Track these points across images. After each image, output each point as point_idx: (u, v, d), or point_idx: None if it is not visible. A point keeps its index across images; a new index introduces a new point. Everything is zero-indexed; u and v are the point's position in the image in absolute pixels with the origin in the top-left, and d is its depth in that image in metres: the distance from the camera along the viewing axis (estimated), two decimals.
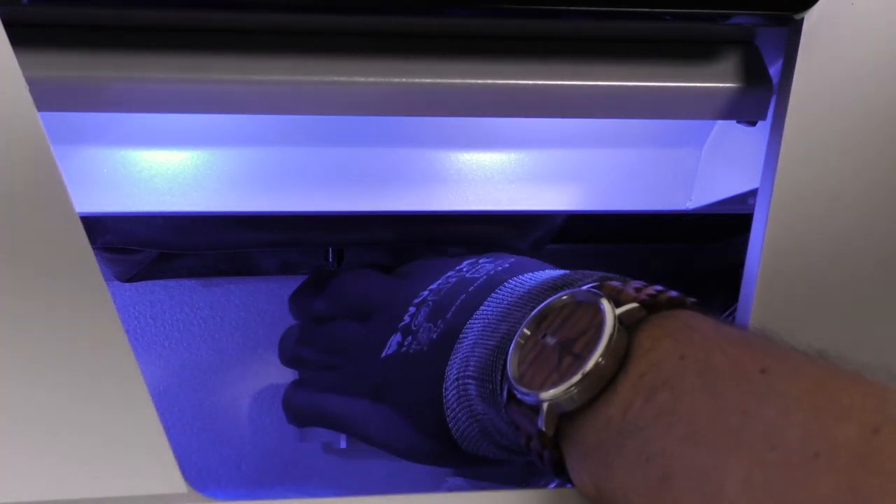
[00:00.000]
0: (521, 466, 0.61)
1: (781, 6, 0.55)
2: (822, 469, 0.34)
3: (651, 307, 0.44)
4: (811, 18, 0.56)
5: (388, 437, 0.56)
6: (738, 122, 0.63)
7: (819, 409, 0.36)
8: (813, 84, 0.55)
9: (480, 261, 0.58)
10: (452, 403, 0.51)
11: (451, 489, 0.62)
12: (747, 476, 0.36)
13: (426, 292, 0.57)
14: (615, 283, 0.46)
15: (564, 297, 0.46)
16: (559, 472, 0.45)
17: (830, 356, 0.39)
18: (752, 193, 0.68)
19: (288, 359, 0.66)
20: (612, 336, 0.42)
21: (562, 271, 0.53)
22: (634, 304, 0.43)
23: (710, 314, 0.45)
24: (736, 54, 0.60)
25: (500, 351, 0.49)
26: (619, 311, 0.43)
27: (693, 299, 0.46)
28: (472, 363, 0.50)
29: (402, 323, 0.56)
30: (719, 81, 0.60)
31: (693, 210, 0.74)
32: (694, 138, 0.75)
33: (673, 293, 0.45)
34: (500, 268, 0.55)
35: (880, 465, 0.33)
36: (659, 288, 0.46)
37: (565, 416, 0.43)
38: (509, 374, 0.46)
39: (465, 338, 0.52)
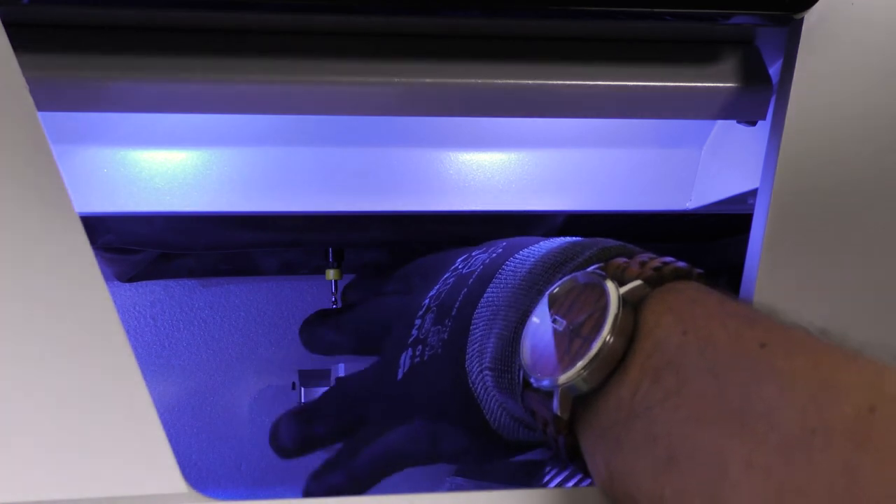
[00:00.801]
0: (522, 466, 0.61)
1: (781, 6, 0.55)
2: (819, 448, 0.34)
3: (656, 281, 0.44)
4: (811, 18, 0.56)
5: (432, 451, 0.55)
6: (738, 122, 0.63)
7: (815, 387, 0.36)
8: (813, 84, 0.55)
9: (473, 253, 0.58)
10: (482, 395, 0.51)
11: (451, 489, 0.62)
12: (749, 458, 0.36)
13: (427, 300, 0.57)
14: (620, 260, 0.46)
15: (569, 281, 0.46)
16: (573, 458, 0.45)
17: (832, 334, 0.39)
18: (752, 193, 0.68)
19: (297, 448, 0.62)
20: (616, 316, 0.42)
21: (559, 242, 0.53)
22: (638, 282, 0.43)
23: (715, 286, 0.45)
24: (736, 54, 0.60)
25: (513, 340, 0.49)
26: (622, 290, 0.43)
27: (700, 270, 0.46)
28: (487, 354, 0.51)
29: (411, 338, 0.56)
30: (719, 81, 0.60)
31: (693, 210, 0.74)
32: (694, 138, 0.75)
33: (680, 264, 0.45)
34: (494, 254, 0.55)
35: (876, 444, 0.33)
36: (666, 259, 0.46)
37: (579, 400, 0.43)
38: (522, 362, 0.46)
39: (475, 329, 0.52)
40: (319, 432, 0.61)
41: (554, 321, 0.45)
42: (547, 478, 0.59)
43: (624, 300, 0.43)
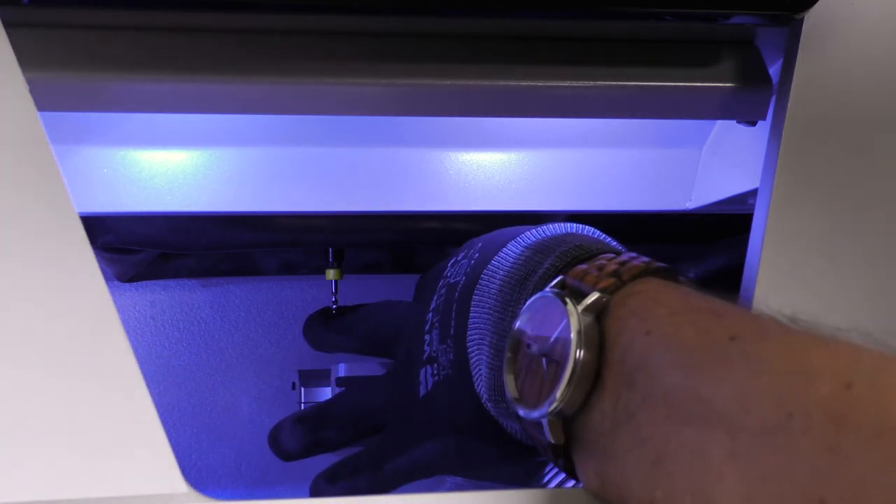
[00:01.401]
0: (522, 466, 0.61)
1: (781, 6, 0.55)
2: (798, 430, 0.34)
3: (616, 286, 0.44)
4: (811, 18, 0.56)
5: (464, 463, 0.56)
6: (738, 122, 0.63)
7: (790, 370, 0.36)
8: (813, 84, 0.55)
9: (459, 258, 0.58)
10: (496, 414, 0.52)
11: (451, 489, 0.62)
12: (731, 446, 0.36)
13: (430, 314, 0.57)
14: (580, 267, 0.46)
15: (531, 304, 0.46)
16: (578, 479, 0.45)
17: (803, 321, 0.39)
18: (752, 193, 0.68)
19: (302, 451, 0.61)
20: (579, 334, 0.42)
21: (521, 247, 0.52)
22: (596, 295, 0.43)
23: (679, 281, 0.45)
24: (736, 54, 0.60)
25: (498, 369, 0.50)
26: (581, 306, 0.43)
27: (661, 264, 0.45)
28: (484, 385, 0.51)
29: (425, 355, 0.56)
30: (719, 81, 0.60)
31: (693, 210, 0.74)
32: (694, 138, 0.75)
33: (639, 261, 0.45)
34: (472, 260, 0.55)
35: (855, 420, 0.33)
36: (624, 258, 0.45)
37: (568, 421, 0.43)
38: (508, 397, 0.46)
39: (472, 353, 0.52)
40: (330, 436, 0.61)
41: (527, 346, 0.45)
42: (547, 478, 0.59)
43: (586, 314, 0.43)
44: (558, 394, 0.42)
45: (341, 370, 0.68)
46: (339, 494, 0.59)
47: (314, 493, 0.60)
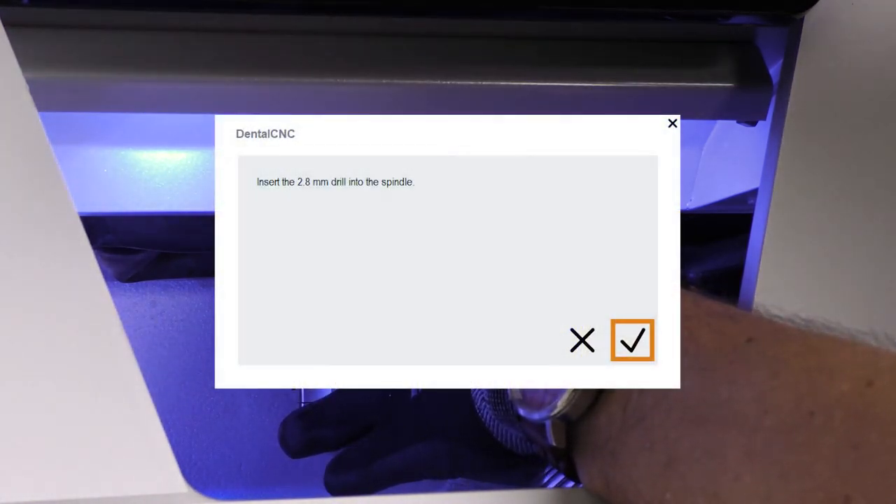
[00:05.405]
0: (522, 466, 0.61)
1: (781, 6, 0.56)
2: (820, 429, 0.34)
3: None
4: (811, 18, 0.56)
5: (453, 468, 0.56)
6: (738, 122, 0.63)
7: (809, 369, 0.36)
8: (813, 84, 0.55)
9: None
10: (488, 421, 0.52)
11: (451, 489, 0.62)
12: (748, 446, 0.36)
13: None
14: None
15: None
16: (578, 479, 0.45)
17: (819, 323, 0.39)
18: (752, 193, 0.68)
19: (301, 449, 0.62)
20: None
21: None
22: None
23: (690, 289, 0.45)
24: (736, 54, 0.60)
25: None
26: None
27: None
28: (485, 388, 0.51)
29: None
30: (719, 81, 0.60)
31: (693, 210, 0.74)
32: (694, 138, 0.75)
33: None
34: None
35: (878, 417, 0.33)
36: None
37: (572, 424, 0.43)
38: (511, 397, 0.46)
39: None
40: (327, 435, 0.61)
41: None
42: (547, 478, 0.59)
43: None
44: (564, 398, 0.42)
45: None
46: (337, 486, 0.60)
47: (325, 481, 0.61)
